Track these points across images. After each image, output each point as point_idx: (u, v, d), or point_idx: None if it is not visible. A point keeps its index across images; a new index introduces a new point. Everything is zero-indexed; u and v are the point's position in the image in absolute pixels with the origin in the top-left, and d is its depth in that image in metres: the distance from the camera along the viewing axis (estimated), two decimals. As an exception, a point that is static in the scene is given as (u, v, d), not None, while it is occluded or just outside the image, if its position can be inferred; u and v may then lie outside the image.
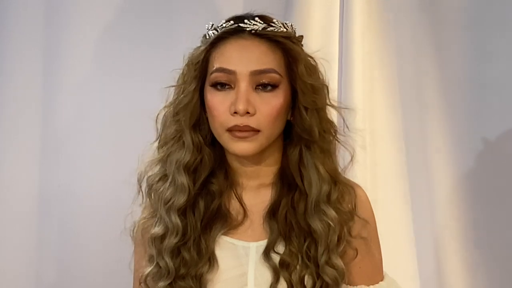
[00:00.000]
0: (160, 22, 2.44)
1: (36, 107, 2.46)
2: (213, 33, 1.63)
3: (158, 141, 1.69)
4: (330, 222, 1.62)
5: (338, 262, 1.62)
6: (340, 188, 1.66)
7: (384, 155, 2.38)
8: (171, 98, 1.68)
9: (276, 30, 1.62)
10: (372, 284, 1.69)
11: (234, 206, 1.68)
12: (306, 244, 1.62)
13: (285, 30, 1.63)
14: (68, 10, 2.45)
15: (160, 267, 1.64)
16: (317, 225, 1.62)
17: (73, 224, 2.46)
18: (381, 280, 1.71)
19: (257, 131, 1.60)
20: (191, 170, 1.65)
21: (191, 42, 1.68)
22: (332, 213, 1.62)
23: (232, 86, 1.60)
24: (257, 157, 1.65)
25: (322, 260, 1.61)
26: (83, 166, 2.46)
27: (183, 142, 1.65)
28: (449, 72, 2.39)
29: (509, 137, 2.38)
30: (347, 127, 1.70)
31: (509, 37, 2.36)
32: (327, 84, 1.67)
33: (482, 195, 2.39)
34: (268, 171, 1.68)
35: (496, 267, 2.40)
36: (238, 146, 1.61)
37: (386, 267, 1.74)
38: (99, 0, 2.44)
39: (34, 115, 2.47)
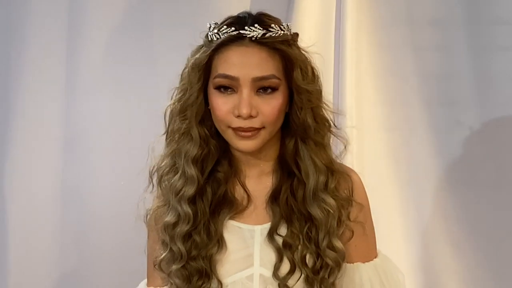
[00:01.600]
0: (171, 22, 2.51)
1: (58, 102, 2.53)
2: (215, 36, 1.70)
3: (166, 135, 1.78)
4: (329, 209, 1.71)
5: (339, 244, 1.72)
6: (337, 177, 1.75)
7: (372, 146, 2.46)
8: (175, 96, 1.76)
9: (274, 35, 1.69)
10: (367, 261, 1.80)
11: (238, 193, 1.78)
12: (306, 226, 1.72)
13: (282, 33, 1.70)
14: (87, 10, 2.52)
15: (173, 251, 1.74)
16: (316, 212, 1.71)
17: (92, 211, 2.54)
18: (375, 257, 1.82)
19: (260, 128, 1.69)
20: (199, 161, 1.74)
21: (195, 40, 1.76)
22: (330, 200, 1.72)
23: (235, 90, 1.68)
24: (257, 150, 1.74)
25: (323, 244, 1.71)
26: (101, 158, 2.54)
27: (191, 137, 1.73)
28: (436, 67, 2.45)
29: (497, 127, 2.44)
30: (335, 126, 1.77)
31: (496, 33, 2.41)
32: (320, 87, 1.75)
33: (469, 183, 2.46)
34: (268, 160, 1.78)
35: (483, 252, 2.47)
36: (241, 144, 1.70)
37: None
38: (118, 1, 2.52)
39: (56, 109, 2.53)
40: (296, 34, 1.76)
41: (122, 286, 2.03)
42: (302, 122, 1.72)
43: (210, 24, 1.73)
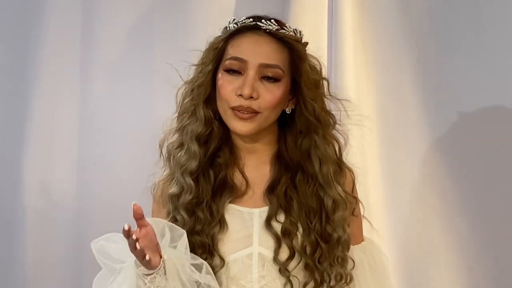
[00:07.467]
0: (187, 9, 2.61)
1: (72, 89, 2.61)
2: (233, 26, 1.86)
3: (177, 114, 1.92)
4: (342, 195, 1.86)
5: (347, 230, 1.87)
6: (344, 171, 1.91)
7: (371, 141, 2.55)
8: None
9: (286, 33, 1.86)
10: (356, 244, 1.95)
11: (237, 178, 1.92)
12: (308, 217, 1.85)
13: (294, 34, 1.87)
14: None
15: (177, 220, 1.87)
16: (334, 195, 1.85)
17: (107, 192, 2.61)
18: (362, 241, 1.98)
19: (257, 112, 1.84)
20: (202, 140, 1.88)
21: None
22: (341, 191, 1.87)
23: (242, 73, 1.84)
24: (255, 136, 1.89)
25: (335, 234, 1.84)
26: (114, 142, 2.61)
27: (197, 116, 1.88)
28: (426, 61, 2.54)
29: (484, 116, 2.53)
30: (346, 114, 1.92)
31: (476, 31, 2.51)
32: (327, 80, 1.91)
33: (455, 164, 2.54)
34: (265, 149, 1.93)
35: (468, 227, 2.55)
36: (238, 125, 1.84)
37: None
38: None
39: (71, 97, 2.61)
40: (306, 43, 1.92)
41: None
42: (316, 113, 1.86)
43: (230, 19, 1.89)
